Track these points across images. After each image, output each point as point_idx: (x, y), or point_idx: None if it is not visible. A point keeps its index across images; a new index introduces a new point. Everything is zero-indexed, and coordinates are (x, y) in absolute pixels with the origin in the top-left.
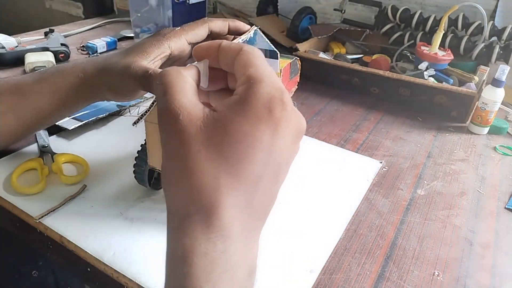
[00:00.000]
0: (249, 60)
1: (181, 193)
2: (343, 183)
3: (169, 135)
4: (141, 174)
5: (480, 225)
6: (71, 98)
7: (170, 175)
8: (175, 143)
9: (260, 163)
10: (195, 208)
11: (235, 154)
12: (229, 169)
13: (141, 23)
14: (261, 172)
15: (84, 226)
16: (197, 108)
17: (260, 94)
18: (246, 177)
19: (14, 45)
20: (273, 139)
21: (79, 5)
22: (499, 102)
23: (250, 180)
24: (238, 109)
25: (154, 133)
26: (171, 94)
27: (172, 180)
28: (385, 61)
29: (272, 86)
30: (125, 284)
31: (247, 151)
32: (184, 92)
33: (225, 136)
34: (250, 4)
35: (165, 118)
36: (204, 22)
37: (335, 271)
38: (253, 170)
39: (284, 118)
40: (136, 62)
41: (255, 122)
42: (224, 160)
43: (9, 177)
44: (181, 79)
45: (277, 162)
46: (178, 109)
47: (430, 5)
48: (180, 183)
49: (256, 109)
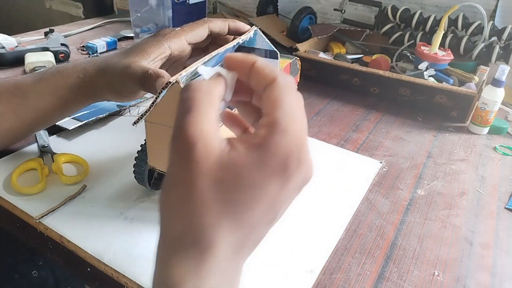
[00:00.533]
0: (279, 98)
1: (179, 223)
2: (343, 183)
3: (180, 160)
4: (141, 174)
5: (480, 225)
6: (71, 99)
7: (172, 202)
8: (185, 171)
9: (262, 211)
10: (192, 243)
11: (241, 200)
12: (232, 213)
13: (141, 23)
14: (260, 218)
15: (84, 226)
16: (216, 140)
17: (279, 148)
18: (246, 223)
19: (14, 45)
20: (280, 191)
21: (79, 5)
22: (499, 102)
23: (249, 225)
24: (255, 157)
25: (154, 133)
26: (194, 116)
27: (172, 208)
28: (385, 61)
29: (293, 140)
30: (125, 284)
31: (253, 200)
32: (208, 116)
33: (236, 181)
34: (250, 4)
35: (180, 140)
36: (204, 22)
37: (335, 271)
38: (253, 217)
39: (296, 174)
40: (136, 62)
41: (268, 175)
42: (229, 204)
43: (9, 177)
44: (210, 100)
45: (276, 210)
46: (197, 136)
47: (430, 5)
48: (181, 213)
49: (272, 162)
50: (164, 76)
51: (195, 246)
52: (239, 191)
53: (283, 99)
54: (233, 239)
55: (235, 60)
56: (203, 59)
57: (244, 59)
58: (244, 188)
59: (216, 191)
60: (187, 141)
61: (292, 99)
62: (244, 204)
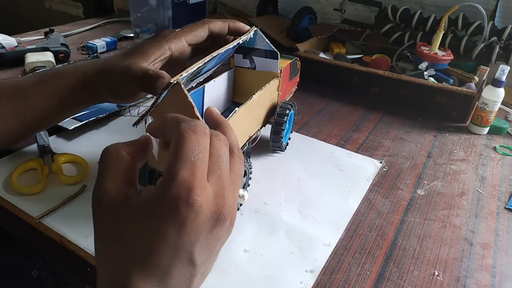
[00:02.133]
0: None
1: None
2: (343, 183)
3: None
4: (141, 175)
5: (480, 225)
6: (71, 100)
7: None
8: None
9: (168, 255)
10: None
11: (142, 247)
12: (137, 259)
13: (141, 23)
14: (171, 262)
15: (84, 226)
16: (120, 194)
17: (167, 195)
18: (156, 266)
19: (14, 45)
20: (180, 234)
21: (79, 5)
22: (499, 102)
23: (161, 269)
24: (149, 206)
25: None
26: (103, 176)
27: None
28: (385, 61)
29: (180, 186)
30: None
31: (153, 246)
32: (115, 176)
33: (135, 231)
34: (250, 4)
35: (94, 195)
36: (204, 23)
37: (335, 271)
38: (161, 261)
39: (190, 216)
40: (136, 63)
41: (161, 222)
42: (132, 251)
43: (9, 177)
44: (118, 161)
45: (188, 251)
46: (102, 192)
47: (430, 5)
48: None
49: (162, 210)
50: (164, 76)
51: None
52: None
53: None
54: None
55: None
56: (204, 59)
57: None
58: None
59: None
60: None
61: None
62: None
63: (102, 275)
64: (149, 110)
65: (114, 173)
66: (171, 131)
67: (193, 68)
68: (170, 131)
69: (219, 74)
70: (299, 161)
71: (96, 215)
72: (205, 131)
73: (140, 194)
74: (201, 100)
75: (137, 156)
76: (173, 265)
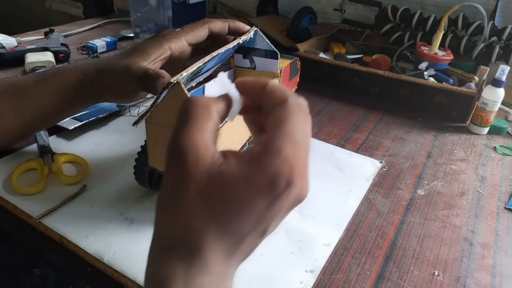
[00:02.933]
0: (281, 119)
1: (170, 225)
2: (343, 183)
3: (173, 168)
4: (141, 175)
5: (480, 225)
6: (72, 100)
7: (165, 205)
8: (176, 177)
9: (250, 224)
10: (180, 244)
11: (228, 210)
12: (219, 222)
13: (141, 23)
14: (249, 231)
15: (84, 226)
16: (207, 152)
17: (269, 167)
18: (234, 232)
19: (14, 45)
20: (268, 208)
21: (79, 5)
22: (499, 102)
23: (237, 235)
24: (245, 173)
25: (155, 133)
26: (188, 128)
27: (165, 210)
28: (385, 61)
29: (284, 162)
30: (125, 284)
31: (240, 212)
32: (202, 129)
33: (223, 193)
34: (250, 4)
35: (174, 150)
36: (204, 23)
37: (335, 271)
38: (242, 228)
39: (284, 195)
40: (136, 63)
41: (255, 192)
42: (216, 213)
43: (9, 177)
44: (206, 115)
45: (267, 225)
46: (189, 147)
47: (430, 5)
48: (172, 215)
49: (260, 181)
50: (164, 76)
51: (184, 248)
52: (226, 202)
53: (285, 120)
54: (223, 246)
55: (247, 84)
56: (204, 59)
57: (255, 83)
58: (230, 200)
59: (203, 200)
60: (180, 151)
61: (296, 121)
62: (231, 214)
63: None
64: (149, 109)
65: (203, 129)
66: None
67: (193, 68)
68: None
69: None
70: None
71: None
72: (308, 112)
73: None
74: None
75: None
76: (250, 234)
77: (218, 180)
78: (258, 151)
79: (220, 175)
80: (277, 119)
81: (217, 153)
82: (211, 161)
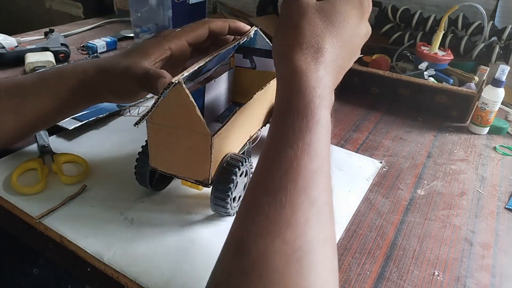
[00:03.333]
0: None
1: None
2: (343, 183)
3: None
4: (142, 175)
5: (480, 225)
6: (72, 100)
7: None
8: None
9: (350, 32)
10: (308, 46)
11: (336, 21)
12: (332, 28)
13: (141, 23)
14: (348, 40)
15: (84, 226)
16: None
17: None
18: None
19: (14, 45)
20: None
21: (79, 5)
22: (499, 102)
23: (342, 40)
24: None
25: (156, 133)
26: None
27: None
28: (385, 61)
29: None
30: (125, 284)
31: (344, 21)
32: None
33: (332, 9)
34: (250, 4)
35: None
36: (204, 23)
37: None
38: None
39: (366, 13)
40: (137, 63)
41: (352, 7)
42: (329, 22)
43: (9, 177)
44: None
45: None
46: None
47: (430, 5)
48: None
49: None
50: (165, 76)
51: (310, 48)
52: (334, 14)
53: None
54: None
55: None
56: (205, 59)
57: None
58: (336, 13)
59: (319, 15)
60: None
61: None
62: (338, 23)
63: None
64: (150, 109)
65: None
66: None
67: (194, 68)
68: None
69: (219, 74)
70: None
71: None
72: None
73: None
74: (202, 99)
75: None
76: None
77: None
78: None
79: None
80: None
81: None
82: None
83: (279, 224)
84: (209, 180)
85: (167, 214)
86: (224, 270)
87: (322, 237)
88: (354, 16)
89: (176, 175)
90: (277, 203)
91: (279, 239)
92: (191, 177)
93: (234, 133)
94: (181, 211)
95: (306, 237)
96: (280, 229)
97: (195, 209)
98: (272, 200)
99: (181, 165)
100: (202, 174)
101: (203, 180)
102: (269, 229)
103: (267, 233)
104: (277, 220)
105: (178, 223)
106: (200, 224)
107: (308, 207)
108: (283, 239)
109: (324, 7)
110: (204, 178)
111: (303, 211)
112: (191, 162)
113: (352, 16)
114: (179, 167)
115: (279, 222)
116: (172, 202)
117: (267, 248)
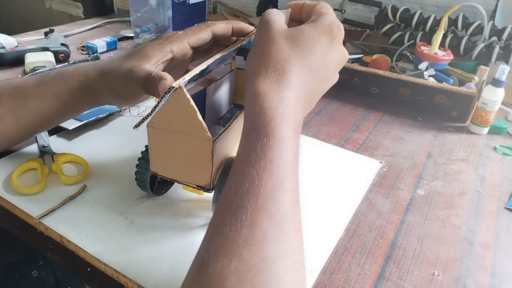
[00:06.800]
0: (323, 7)
1: (263, 60)
2: (343, 183)
3: (263, 30)
4: (143, 181)
5: (480, 225)
6: (72, 102)
7: (258, 49)
8: (267, 34)
9: (319, 57)
10: (273, 70)
11: (304, 46)
12: (299, 53)
13: (141, 23)
14: (318, 64)
15: (84, 226)
16: (285, 25)
17: (326, 20)
18: (309, 62)
19: (14, 45)
20: (328, 47)
21: (79, 5)
22: (499, 102)
23: (309, 65)
24: (311, 24)
25: (157, 138)
26: (273, 15)
27: (259, 51)
28: (385, 61)
29: (334, 19)
30: (125, 284)
31: (312, 47)
32: (280, 17)
33: (300, 35)
34: (250, 4)
35: (264, 24)
36: (207, 26)
37: (335, 271)
38: (313, 59)
39: (338, 38)
40: (138, 65)
41: (320, 33)
42: (297, 47)
43: (9, 177)
44: (279, 13)
45: (327, 62)
46: (274, 19)
47: (430, 5)
48: (264, 55)
49: (322, 26)
50: (167, 78)
51: (276, 72)
52: (302, 40)
53: (324, 7)
54: (301, 71)
55: (291, 4)
56: (207, 62)
57: (296, 2)
58: (304, 39)
59: (287, 41)
60: (267, 22)
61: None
62: (306, 49)
63: (262, 61)
64: (151, 112)
65: (280, 17)
66: (310, 4)
67: (196, 72)
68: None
69: (220, 75)
70: (299, 160)
71: (266, 30)
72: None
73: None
74: (203, 102)
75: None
76: (318, 67)
77: (296, 30)
78: (315, 17)
79: (296, 28)
80: (319, 7)
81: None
82: (285, 27)
83: (237, 244)
84: (210, 185)
85: (167, 214)
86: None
87: (281, 251)
88: (324, 41)
89: (177, 180)
90: (238, 223)
91: (235, 259)
92: (192, 182)
93: (235, 137)
94: (182, 211)
95: (262, 254)
96: (238, 249)
97: (195, 210)
98: (233, 220)
99: (182, 170)
100: (204, 179)
101: (204, 185)
102: (227, 249)
103: (225, 253)
104: (236, 239)
105: (178, 223)
106: (200, 224)
107: (266, 224)
108: (239, 258)
109: (292, 34)
110: (206, 183)
111: (261, 228)
112: (192, 167)
113: (321, 41)
114: (180, 172)
115: (238, 242)
116: (173, 202)
117: (224, 269)
